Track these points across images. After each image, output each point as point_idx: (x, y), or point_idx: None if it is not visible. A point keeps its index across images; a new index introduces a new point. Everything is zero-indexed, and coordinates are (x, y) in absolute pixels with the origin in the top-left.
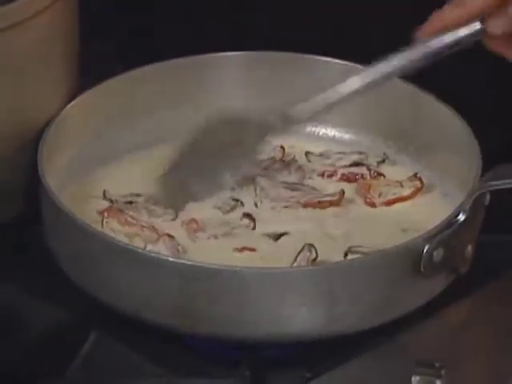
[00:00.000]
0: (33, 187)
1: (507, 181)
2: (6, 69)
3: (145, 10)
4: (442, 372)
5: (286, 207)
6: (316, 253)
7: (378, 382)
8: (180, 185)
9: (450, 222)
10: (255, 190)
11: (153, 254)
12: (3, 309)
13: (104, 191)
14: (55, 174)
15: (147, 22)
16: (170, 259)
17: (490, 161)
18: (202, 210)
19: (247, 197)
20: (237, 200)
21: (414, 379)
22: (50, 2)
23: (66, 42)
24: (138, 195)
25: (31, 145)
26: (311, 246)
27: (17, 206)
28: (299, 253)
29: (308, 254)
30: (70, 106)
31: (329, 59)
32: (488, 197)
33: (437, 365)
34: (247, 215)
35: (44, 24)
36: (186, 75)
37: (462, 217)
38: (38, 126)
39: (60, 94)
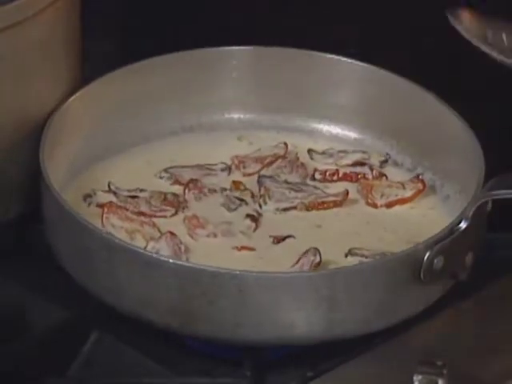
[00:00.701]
0: (34, 184)
1: (511, 190)
2: (8, 67)
3: (145, 9)
4: (444, 371)
5: (289, 208)
6: (320, 257)
7: (380, 380)
8: None
9: (452, 229)
10: (259, 190)
11: (153, 255)
12: (4, 308)
13: (109, 183)
14: (57, 170)
15: (148, 20)
16: (170, 260)
17: (493, 164)
18: (205, 208)
19: (253, 197)
20: (242, 200)
21: (416, 378)
22: (52, 1)
23: (68, 40)
24: (142, 190)
25: (32, 141)
26: (316, 250)
27: (18, 204)
28: (303, 255)
29: (312, 258)
30: (71, 99)
31: (335, 57)
32: (490, 204)
33: (439, 363)
34: (250, 216)
35: (46, 22)
36: (189, 68)
37: (463, 225)
38: (40, 124)
39: (62, 91)
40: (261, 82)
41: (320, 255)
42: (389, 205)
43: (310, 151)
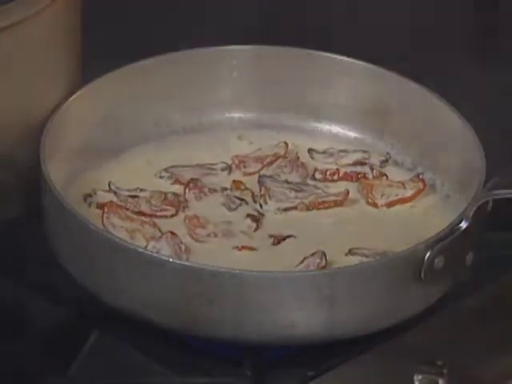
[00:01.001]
0: (34, 184)
1: (511, 190)
2: (8, 67)
3: (145, 9)
4: (444, 371)
5: (290, 208)
6: (326, 261)
7: (380, 380)
8: None
9: (452, 229)
10: (260, 190)
11: (153, 254)
12: (4, 308)
13: (109, 183)
14: (57, 169)
15: (148, 20)
16: (171, 260)
17: (493, 164)
18: (206, 207)
19: (253, 196)
20: (242, 199)
21: (416, 378)
22: (52, 1)
23: (68, 40)
24: (142, 190)
25: (33, 141)
26: (323, 253)
27: (18, 204)
28: (310, 255)
29: (318, 260)
30: (71, 99)
31: (333, 55)
32: (491, 204)
33: (439, 363)
34: (251, 216)
35: (46, 22)
36: (189, 68)
37: (464, 224)
38: (40, 124)
39: (62, 91)
40: (261, 82)
41: (326, 259)
42: (389, 204)
43: (310, 151)
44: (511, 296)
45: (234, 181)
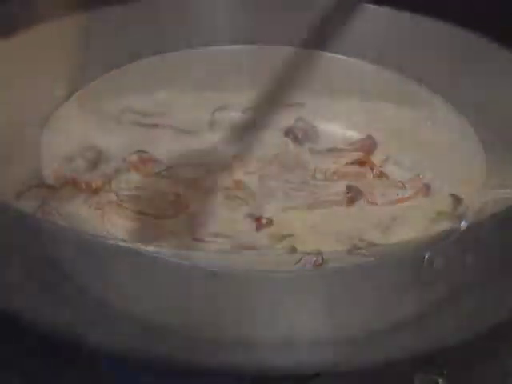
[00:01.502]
0: (34, 184)
1: (511, 190)
2: (7, 67)
3: (145, 9)
4: (444, 371)
5: (290, 208)
6: (322, 258)
7: (380, 380)
8: None
9: (452, 229)
10: (260, 189)
11: (153, 254)
12: (4, 307)
13: (110, 183)
14: (57, 170)
15: (147, 20)
16: (170, 260)
17: (493, 163)
18: (206, 207)
19: (253, 196)
20: (242, 199)
21: (416, 378)
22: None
23: (69, 38)
24: (142, 190)
25: (32, 142)
26: (320, 251)
27: (18, 203)
28: (306, 254)
29: (314, 259)
30: (70, 99)
31: (333, 55)
32: (491, 204)
33: (439, 363)
34: (251, 215)
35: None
36: (190, 67)
37: (463, 225)
38: (39, 124)
39: (61, 91)
40: (261, 81)
41: (322, 256)
42: (389, 204)
43: (311, 150)
44: (510, 295)
45: (234, 180)
